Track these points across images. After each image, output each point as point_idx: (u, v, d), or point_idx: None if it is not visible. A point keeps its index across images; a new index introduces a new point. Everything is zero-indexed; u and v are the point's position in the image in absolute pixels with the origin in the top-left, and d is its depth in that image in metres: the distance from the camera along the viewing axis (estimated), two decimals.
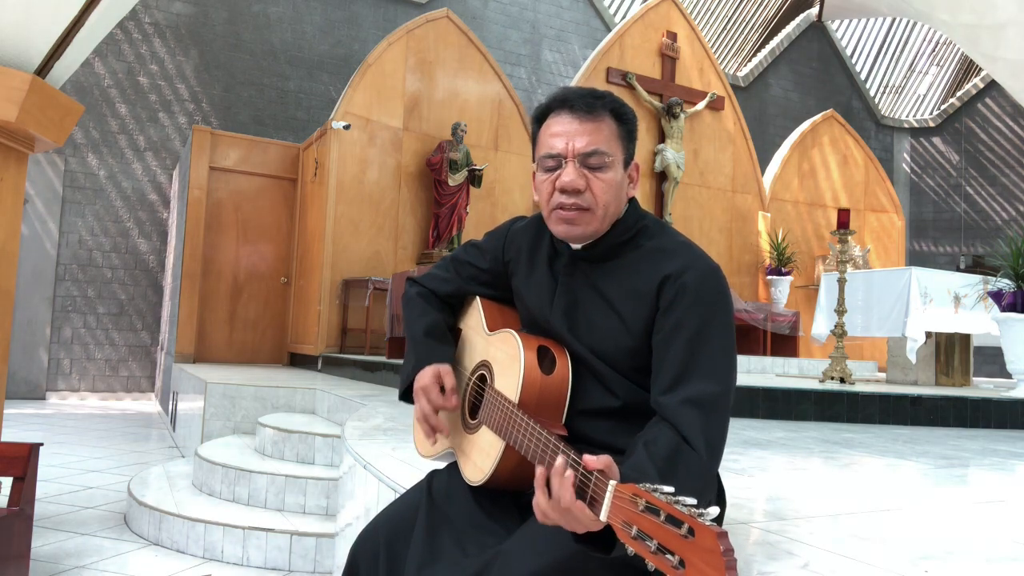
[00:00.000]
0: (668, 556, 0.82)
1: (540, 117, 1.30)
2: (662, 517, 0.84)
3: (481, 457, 1.28)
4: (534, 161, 1.31)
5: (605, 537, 0.98)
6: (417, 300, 1.50)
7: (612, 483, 0.92)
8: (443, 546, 1.24)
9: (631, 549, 0.87)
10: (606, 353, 1.26)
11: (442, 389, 1.35)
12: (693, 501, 0.83)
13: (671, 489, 0.85)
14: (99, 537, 3.59)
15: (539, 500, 1.00)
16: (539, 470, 1.02)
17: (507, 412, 1.21)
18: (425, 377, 1.36)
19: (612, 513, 0.91)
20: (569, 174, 1.22)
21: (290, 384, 5.23)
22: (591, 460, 0.96)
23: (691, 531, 0.80)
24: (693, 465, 1.08)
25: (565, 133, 1.24)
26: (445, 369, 1.37)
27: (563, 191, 1.24)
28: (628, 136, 1.28)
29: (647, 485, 0.88)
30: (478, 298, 1.48)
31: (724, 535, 0.78)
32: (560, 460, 0.98)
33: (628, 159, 1.29)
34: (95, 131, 9.45)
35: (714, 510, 0.82)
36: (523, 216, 1.48)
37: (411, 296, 1.52)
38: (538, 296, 1.36)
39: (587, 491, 0.96)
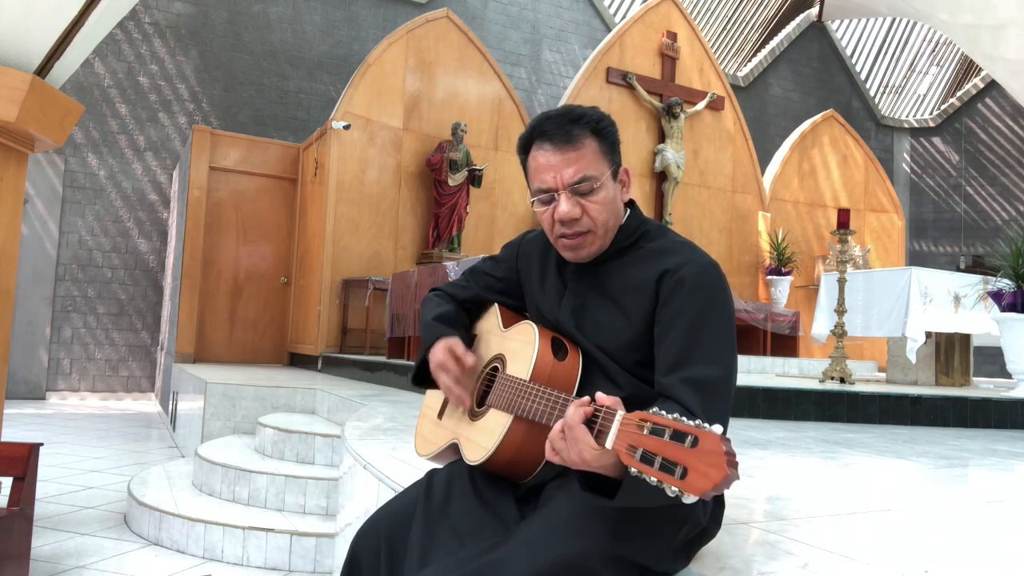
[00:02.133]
0: (671, 471, 0.85)
1: (524, 148, 1.34)
2: (667, 435, 0.87)
3: (485, 436, 1.31)
4: (529, 190, 1.35)
5: (611, 488, 1.02)
6: (433, 298, 1.57)
7: (620, 412, 0.97)
8: (442, 539, 1.26)
9: (634, 470, 0.90)
10: (611, 348, 1.30)
11: (457, 360, 1.39)
12: (698, 420, 0.87)
13: (677, 413, 0.90)
14: (99, 537, 3.59)
15: (554, 429, 1.05)
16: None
17: (517, 387, 1.26)
18: (438, 353, 1.40)
19: (618, 439, 0.94)
20: (564, 205, 1.27)
21: (290, 384, 5.23)
22: (602, 396, 1.02)
23: (695, 441, 0.84)
24: None
25: (550, 167, 1.28)
26: (453, 340, 1.41)
27: (562, 222, 1.29)
28: (611, 148, 1.31)
29: (654, 410, 0.92)
30: (496, 304, 1.54)
31: (727, 440, 0.82)
32: (585, 397, 1.04)
33: (616, 169, 1.32)
34: (95, 131, 9.45)
35: (718, 427, 0.85)
36: (533, 230, 1.54)
37: (429, 297, 1.59)
38: (549, 301, 1.42)
39: (596, 423, 1.00)
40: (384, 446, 2.47)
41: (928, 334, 5.69)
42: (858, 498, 1.97)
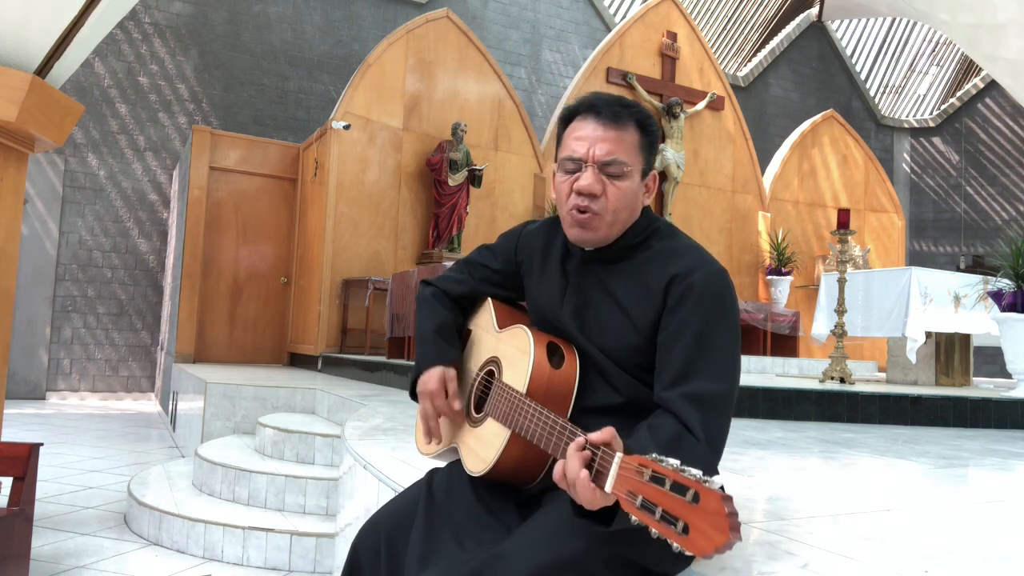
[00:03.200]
0: (672, 524, 0.83)
1: (567, 119, 1.32)
2: (667, 485, 0.85)
3: (484, 447, 1.29)
4: (556, 162, 1.33)
5: (606, 511, 1.00)
6: (430, 300, 1.53)
7: (618, 455, 0.94)
8: (442, 541, 1.25)
9: (635, 518, 0.88)
10: (613, 351, 1.28)
11: (447, 393, 1.38)
12: (699, 471, 0.84)
13: (677, 461, 0.87)
14: (99, 537, 3.59)
15: (557, 468, 1.04)
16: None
17: (514, 401, 1.24)
18: (432, 380, 1.39)
19: (617, 484, 0.92)
20: (587, 178, 1.25)
21: (290, 384, 5.23)
22: (594, 435, 0.99)
23: (696, 496, 0.81)
24: (696, 452, 1.10)
25: (588, 138, 1.26)
26: (451, 374, 1.40)
27: (580, 193, 1.26)
28: (649, 147, 1.31)
29: (653, 455, 0.89)
30: (489, 299, 1.50)
31: (729, 499, 0.80)
32: (580, 439, 1.02)
33: (647, 169, 1.31)
34: (95, 131, 9.45)
35: (719, 479, 0.83)
36: (535, 220, 1.51)
37: (424, 297, 1.55)
38: (549, 295, 1.38)
39: (593, 464, 0.98)
40: (384, 446, 2.47)
41: (928, 334, 5.69)
42: (858, 498, 1.96)
